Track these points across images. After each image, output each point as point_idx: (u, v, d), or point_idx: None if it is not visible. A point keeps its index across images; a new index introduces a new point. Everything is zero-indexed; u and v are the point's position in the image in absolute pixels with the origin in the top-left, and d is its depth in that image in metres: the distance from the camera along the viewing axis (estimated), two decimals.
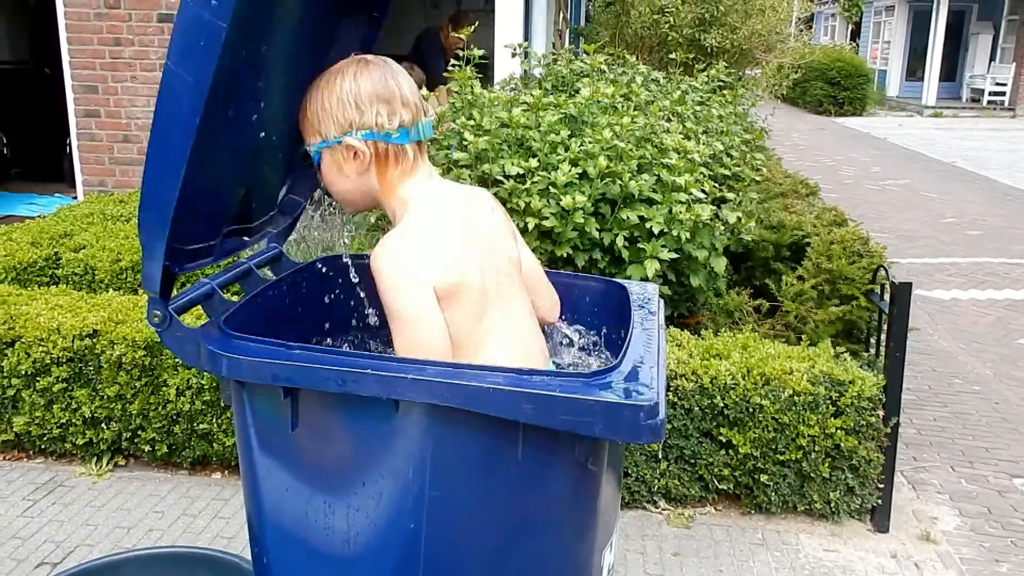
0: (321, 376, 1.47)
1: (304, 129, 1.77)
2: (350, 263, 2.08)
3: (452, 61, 4.29)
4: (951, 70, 26.12)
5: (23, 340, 3.52)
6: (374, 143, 1.74)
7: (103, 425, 3.60)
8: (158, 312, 1.60)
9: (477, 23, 4.57)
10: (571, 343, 2.03)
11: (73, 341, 3.49)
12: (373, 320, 2.10)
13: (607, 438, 1.51)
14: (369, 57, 1.77)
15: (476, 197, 1.88)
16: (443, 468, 1.51)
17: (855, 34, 32.30)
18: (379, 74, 1.74)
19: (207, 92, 1.40)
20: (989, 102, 24.54)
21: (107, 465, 3.68)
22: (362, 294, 2.07)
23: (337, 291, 2.13)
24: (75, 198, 6.13)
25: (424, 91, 4.46)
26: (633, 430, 1.40)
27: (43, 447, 3.71)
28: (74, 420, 3.59)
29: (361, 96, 1.72)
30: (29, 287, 4.21)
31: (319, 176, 1.82)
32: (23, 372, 3.54)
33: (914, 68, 26.98)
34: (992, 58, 25.59)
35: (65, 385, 3.55)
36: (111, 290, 4.17)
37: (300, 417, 1.54)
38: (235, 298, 1.86)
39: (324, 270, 2.12)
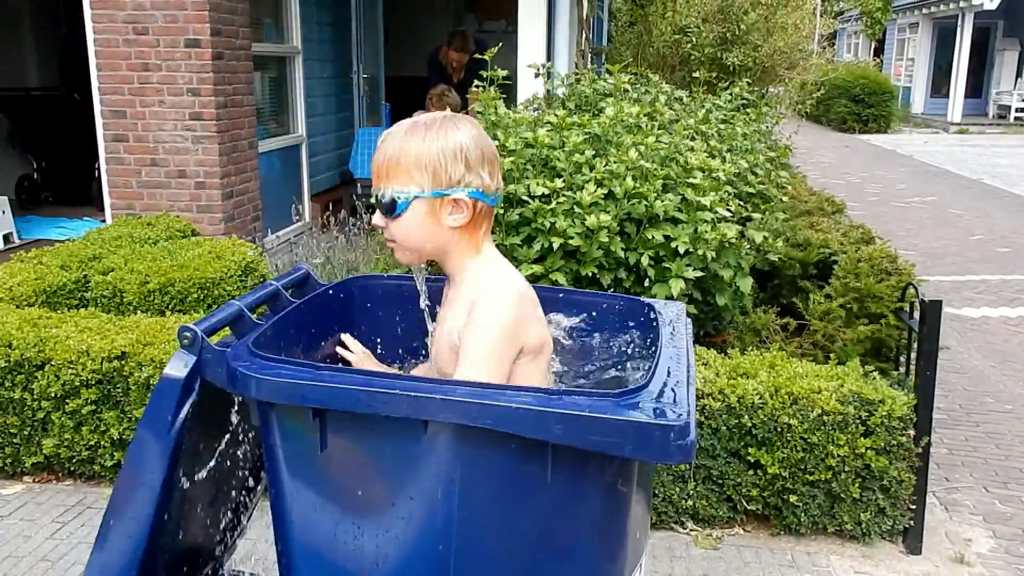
0: (350, 397, 1.46)
1: (390, 175, 1.74)
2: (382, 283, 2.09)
3: (476, 83, 4.30)
4: (976, 87, 25.96)
5: (53, 363, 3.55)
6: (474, 202, 1.77)
7: None
8: (188, 334, 1.61)
9: (500, 44, 4.58)
10: (600, 363, 2.02)
11: (102, 363, 3.52)
12: (401, 340, 2.10)
13: (637, 459, 1.50)
14: (464, 116, 1.80)
15: None
16: (472, 489, 1.51)
17: (878, 51, 32.17)
18: (483, 135, 1.78)
19: None
20: (1016, 119, 24.34)
21: None
22: (391, 314, 2.08)
23: (364, 312, 2.13)
24: (103, 221, 6.18)
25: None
26: (663, 450, 1.39)
27: (72, 469, 3.73)
28: (103, 442, 3.61)
29: (472, 154, 1.74)
30: (59, 310, 4.24)
31: (386, 223, 1.78)
32: (53, 395, 3.57)
33: (939, 85, 26.83)
34: (1019, 74, 25.40)
35: (94, 407, 3.57)
36: (139, 312, 4.20)
37: (328, 438, 1.54)
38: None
39: (351, 290, 2.12)
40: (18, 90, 9.28)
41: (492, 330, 1.70)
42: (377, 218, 1.76)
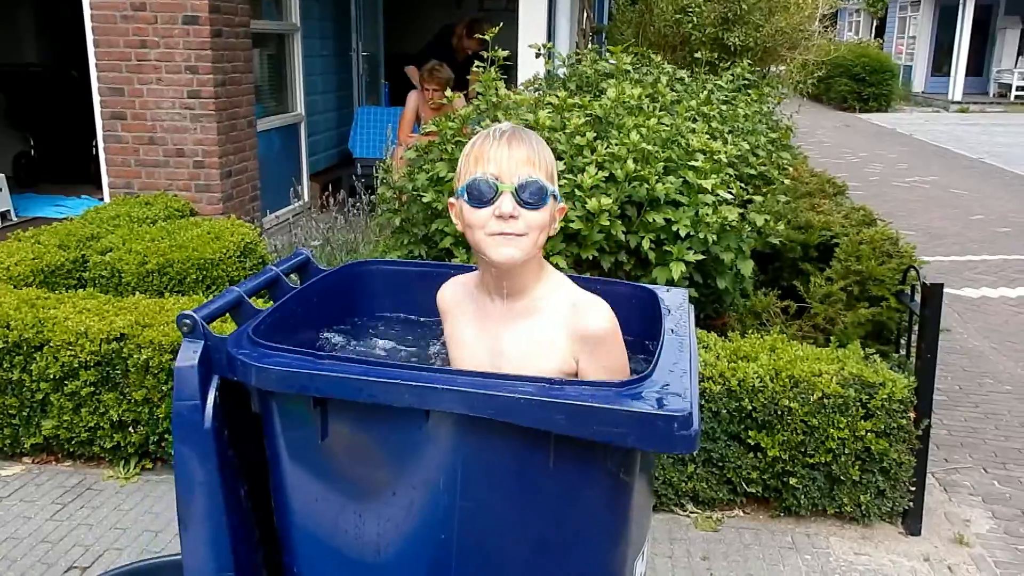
0: (351, 386, 1.45)
1: (538, 167, 1.73)
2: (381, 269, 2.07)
3: (476, 63, 4.27)
4: (978, 65, 25.83)
5: (51, 344, 3.53)
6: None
7: (130, 428, 3.62)
8: (188, 321, 1.60)
9: (501, 24, 4.54)
10: None
11: (100, 345, 3.50)
12: (402, 325, 2.09)
13: (640, 449, 1.49)
14: None
15: None
16: (474, 478, 1.50)
17: (880, 30, 32.00)
18: None
19: None
20: (1017, 97, 24.27)
21: (134, 468, 3.69)
22: (392, 299, 2.07)
23: (365, 296, 2.12)
24: (101, 199, 6.15)
25: (449, 92, 4.45)
26: (667, 441, 1.38)
27: (71, 451, 3.73)
28: (102, 424, 3.60)
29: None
30: (57, 290, 4.23)
31: (520, 212, 1.70)
32: (51, 376, 3.55)
33: (940, 63, 26.71)
34: (1020, 52, 25.28)
35: (93, 389, 3.56)
36: (137, 293, 4.18)
37: (330, 427, 1.53)
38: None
39: (352, 275, 2.11)
40: (15, 66, 9.21)
41: (622, 344, 1.77)
42: (510, 206, 1.69)
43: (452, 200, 1.79)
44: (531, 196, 1.70)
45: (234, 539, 1.68)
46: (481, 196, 1.70)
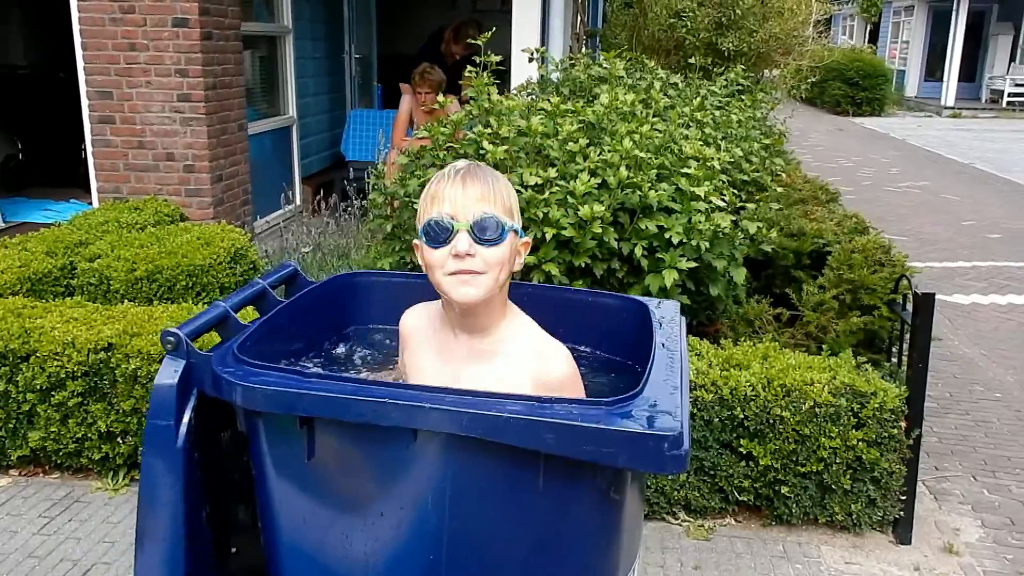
0: (338, 405, 1.44)
1: (494, 203, 1.73)
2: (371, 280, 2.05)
3: (468, 67, 4.24)
4: (970, 70, 25.91)
5: (38, 354, 3.49)
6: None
7: (119, 439, 3.58)
8: (172, 338, 1.58)
9: (493, 28, 4.52)
10: (592, 365, 1.98)
11: (88, 355, 3.46)
12: (390, 337, 2.07)
13: (630, 468, 1.48)
14: None
15: None
16: (462, 497, 1.48)
17: (873, 35, 32.08)
18: None
19: None
20: (1009, 103, 24.34)
21: (123, 480, 3.66)
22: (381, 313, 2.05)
23: (353, 310, 2.10)
24: (90, 204, 6.11)
25: (441, 97, 4.43)
26: (657, 461, 1.37)
27: (59, 462, 3.68)
28: (90, 435, 3.56)
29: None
30: (44, 298, 4.19)
31: (476, 250, 1.69)
32: (38, 387, 3.51)
33: (933, 68, 26.80)
34: (1012, 59, 25.39)
35: (80, 399, 3.52)
36: (126, 300, 4.15)
37: (316, 446, 1.51)
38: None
39: (339, 288, 2.09)
40: (2, 68, 9.16)
41: (580, 386, 1.77)
42: (466, 244, 1.68)
43: (416, 242, 1.77)
44: (487, 233, 1.70)
45: (191, 560, 1.66)
46: (437, 236, 1.70)
